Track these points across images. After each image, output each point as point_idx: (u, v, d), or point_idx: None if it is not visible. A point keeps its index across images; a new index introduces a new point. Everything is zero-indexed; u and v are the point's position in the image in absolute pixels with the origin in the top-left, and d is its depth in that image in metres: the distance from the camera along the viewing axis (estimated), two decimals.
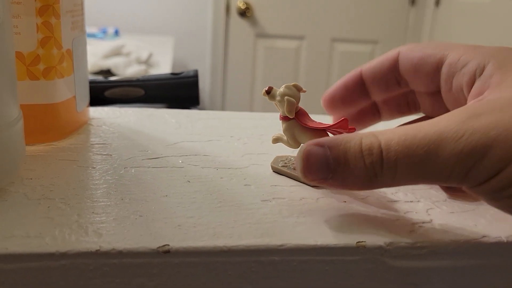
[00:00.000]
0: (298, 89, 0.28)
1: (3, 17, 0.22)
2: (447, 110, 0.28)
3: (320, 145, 0.23)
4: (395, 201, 0.27)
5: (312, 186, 0.28)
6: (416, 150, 0.21)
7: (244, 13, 2.29)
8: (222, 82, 2.40)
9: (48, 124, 0.31)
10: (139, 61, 1.42)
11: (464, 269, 0.24)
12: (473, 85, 0.26)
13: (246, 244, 0.22)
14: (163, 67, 1.51)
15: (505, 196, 0.21)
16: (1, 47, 0.23)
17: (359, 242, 0.23)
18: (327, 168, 0.23)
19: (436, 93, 0.29)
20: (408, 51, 0.29)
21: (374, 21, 2.37)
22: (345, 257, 0.22)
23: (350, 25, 2.36)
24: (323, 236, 0.23)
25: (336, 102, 0.32)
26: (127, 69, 1.31)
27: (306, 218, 0.25)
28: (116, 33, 1.98)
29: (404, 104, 0.32)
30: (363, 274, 0.23)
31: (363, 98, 0.32)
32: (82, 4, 0.33)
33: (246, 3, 2.29)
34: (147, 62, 1.47)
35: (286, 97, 0.28)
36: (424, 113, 0.32)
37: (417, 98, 0.32)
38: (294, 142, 0.29)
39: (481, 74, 0.25)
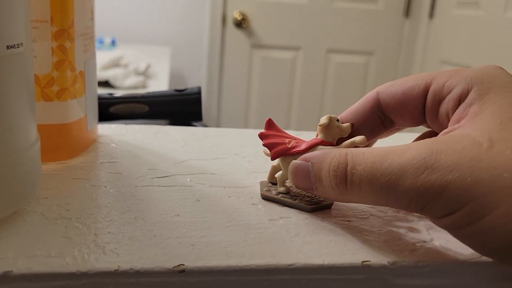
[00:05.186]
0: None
1: (25, 45, 0.24)
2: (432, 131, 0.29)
3: (306, 160, 0.27)
4: (396, 220, 0.28)
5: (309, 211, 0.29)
6: (379, 178, 0.23)
7: (240, 24, 2.31)
8: (218, 92, 2.41)
9: (61, 143, 0.32)
10: (137, 72, 1.43)
11: (464, 286, 0.25)
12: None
13: (258, 263, 0.23)
14: (161, 78, 1.53)
15: (461, 235, 0.23)
16: (24, 73, 0.24)
17: (364, 261, 0.24)
18: (310, 181, 0.27)
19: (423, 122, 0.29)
20: (388, 88, 0.29)
21: (369, 32, 2.39)
22: (351, 276, 0.24)
23: (345, 36, 2.39)
24: (330, 255, 0.24)
25: None
26: (126, 81, 1.32)
27: (313, 237, 0.26)
28: (113, 43, 2.00)
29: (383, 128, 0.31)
30: None
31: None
32: (93, 27, 0.34)
33: (242, 14, 2.31)
34: (145, 73, 1.48)
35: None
36: None
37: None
38: None
39: (464, 100, 0.25)
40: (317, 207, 0.29)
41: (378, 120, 0.30)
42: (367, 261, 0.24)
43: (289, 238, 0.25)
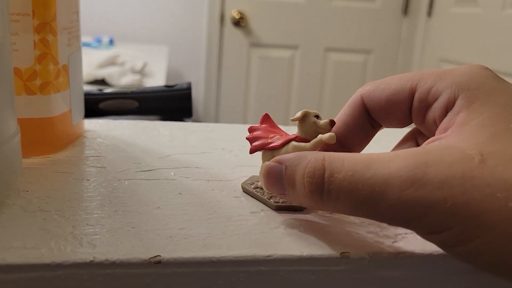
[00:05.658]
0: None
1: (2, 36, 0.23)
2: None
3: (279, 162, 0.25)
4: None
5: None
6: (360, 189, 0.21)
7: (238, 22, 2.31)
8: (216, 91, 2.41)
9: (44, 137, 0.32)
10: (133, 71, 1.43)
11: (445, 278, 0.25)
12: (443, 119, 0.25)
13: (235, 255, 0.23)
14: (157, 77, 1.52)
15: (450, 252, 0.22)
16: (1, 65, 0.23)
17: (343, 252, 0.24)
18: (282, 186, 0.25)
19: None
20: (372, 94, 0.28)
21: (368, 30, 2.39)
22: (330, 267, 0.23)
23: (343, 34, 2.38)
24: (309, 247, 0.24)
25: None
26: (122, 79, 1.31)
27: (293, 229, 0.26)
28: (111, 42, 1.99)
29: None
30: (348, 283, 0.24)
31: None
32: (78, 21, 0.34)
33: (241, 13, 2.31)
34: (141, 72, 1.48)
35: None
36: None
37: None
38: None
39: (451, 107, 0.24)
40: (283, 206, 0.28)
41: (368, 124, 0.29)
42: (346, 252, 0.24)
43: (269, 230, 0.25)
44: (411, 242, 0.25)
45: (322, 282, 0.24)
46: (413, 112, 0.27)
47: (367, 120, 0.29)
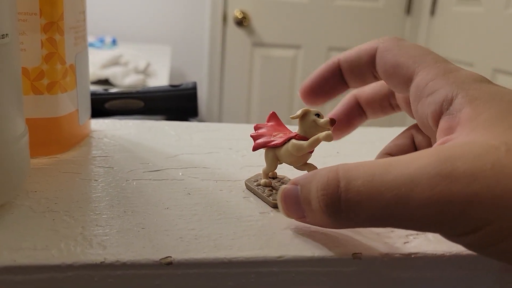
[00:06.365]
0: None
1: (11, 35, 0.23)
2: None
3: (295, 184, 0.24)
4: None
5: None
6: (384, 193, 0.20)
7: (241, 22, 2.31)
8: (219, 91, 2.41)
9: (52, 137, 0.32)
10: (137, 71, 1.43)
11: (457, 279, 0.25)
12: (438, 117, 0.24)
13: (246, 256, 0.22)
14: (160, 77, 1.52)
15: (488, 253, 0.20)
16: (10, 65, 0.23)
17: (355, 253, 0.23)
18: (300, 208, 0.23)
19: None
20: (384, 52, 0.27)
21: (370, 30, 2.39)
22: (341, 268, 0.23)
23: (346, 34, 2.38)
24: (320, 248, 0.24)
25: (314, 92, 0.32)
26: (125, 79, 1.31)
27: (304, 230, 0.25)
28: (114, 42, 1.99)
29: (387, 105, 0.32)
30: (359, 284, 0.24)
31: (341, 86, 0.31)
32: (84, 20, 0.34)
33: (243, 13, 2.30)
34: (145, 72, 1.48)
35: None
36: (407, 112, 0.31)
37: (398, 102, 0.31)
38: None
39: (448, 107, 0.23)
40: None
41: (371, 74, 0.29)
42: (358, 253, 0.23)
43: (279, 231, 0.25)
44: (423, 242, 0.25)
45: (334, 283, 0.23)
46: (410, 96, 0.26)
47: (369, 70, 0.29)
